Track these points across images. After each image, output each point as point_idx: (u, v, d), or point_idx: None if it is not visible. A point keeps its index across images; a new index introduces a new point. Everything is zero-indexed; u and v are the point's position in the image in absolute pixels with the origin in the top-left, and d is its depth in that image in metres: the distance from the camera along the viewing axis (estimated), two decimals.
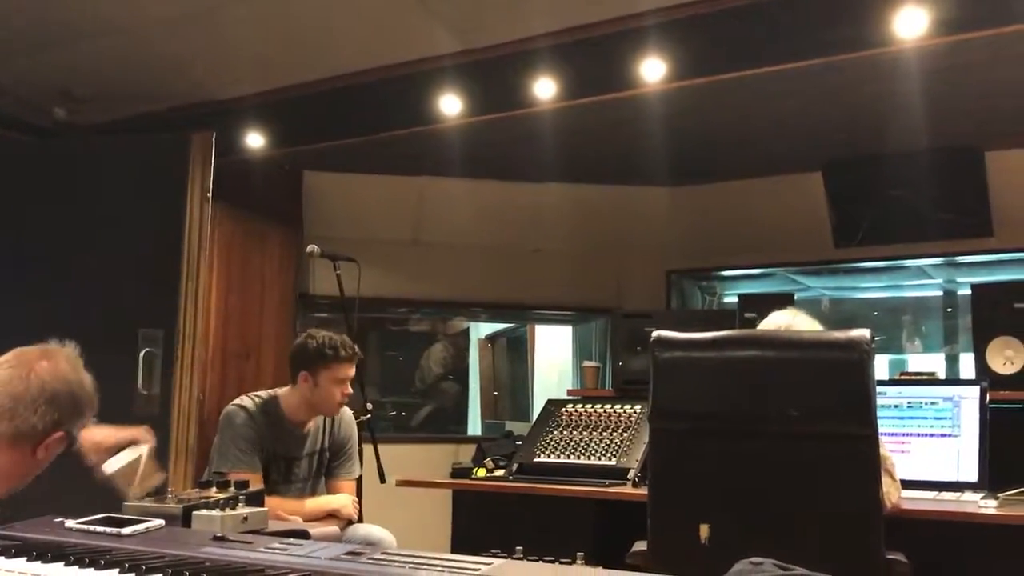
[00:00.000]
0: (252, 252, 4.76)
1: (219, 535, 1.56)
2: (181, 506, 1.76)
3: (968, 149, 4.38)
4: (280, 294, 4.89)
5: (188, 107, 4.27)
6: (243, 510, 1.79)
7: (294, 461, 3.43)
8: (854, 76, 3.58)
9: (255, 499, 1.92)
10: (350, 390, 3.43)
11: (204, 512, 1.74)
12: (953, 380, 4.21)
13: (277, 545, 1.46)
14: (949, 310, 5.47)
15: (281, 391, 3.49)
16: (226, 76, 4.07)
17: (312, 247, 3.96)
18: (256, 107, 4.24)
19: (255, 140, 4.32)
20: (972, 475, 3.16)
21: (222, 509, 1.75)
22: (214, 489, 1.94)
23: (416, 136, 4.20)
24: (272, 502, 3.22)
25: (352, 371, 3.42)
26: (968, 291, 3.85)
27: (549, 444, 3.68)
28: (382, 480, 3.78)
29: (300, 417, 3.44)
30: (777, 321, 2.81)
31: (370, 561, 1.33)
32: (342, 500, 3.47)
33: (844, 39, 3.12)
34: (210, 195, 4.08)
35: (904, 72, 3.47)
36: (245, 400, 3.43)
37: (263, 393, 3.49)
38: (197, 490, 1.96)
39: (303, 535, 1.81)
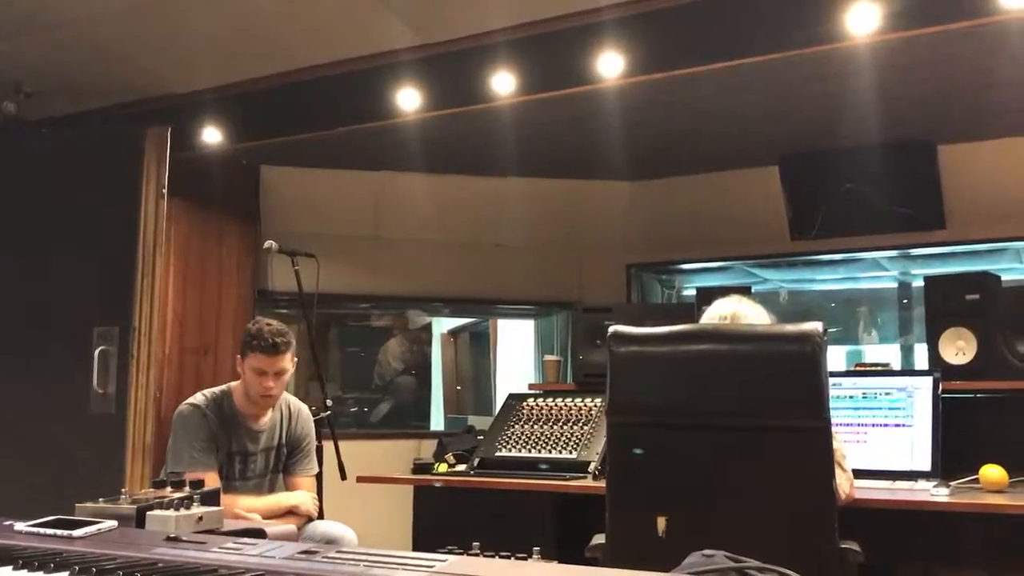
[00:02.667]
0: (209, 248, 4.71)
1: (173, 535, 1.55)
2: (134, 507, 1.74)
3: (921, 143, 4.45)
4: (238, 290, 4.84)
5: (143, 101, 4.21)
6: (198, 510, 1.77)
7: (249, 457, 3.41)
8: (809, 71, 3.62)
9: (210, 498, 1.90)
10: (271, 384, 3.31)
11: (158, 512, 1.72)
12: (906, 371, 4.28)
13: (231, 545, 1.45)
14: (904, 301, 5.55)
15: (233, 385, 3.47)
16: (182, 70, 4.02)
17: (270, 243, 3.93)
18: (213, 101, 4.19)
19: (212, 135, 4.27)
20: (925, 464, 3.22)
21: (176, 509, 1.73)
22: (169, 489, 1.92)
23: (375, 131, 4.18)
24: (230, 500, 3.21)
25: (273, 365, 3.30)
26: (922, 283, 3.92)
27: (510, 438, 3.68)
28: (343, 476, 3.77)
29: (251, 410, 3.41)
30: (722, 310, 2.81)
31: (325, 559, 1.32)
32: (301, 497, 3.45)
33: (798, 35, 3.16)
34: (166, 191, 4.03)
35: (857, 67, 3.52)
36: (198, 398, 3.40)
37: (216, 389, 3.47)
38: (152, 490, 1.94)
39: (259, 534, 1.80)
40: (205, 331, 4.68)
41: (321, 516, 3.58)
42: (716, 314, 2.81)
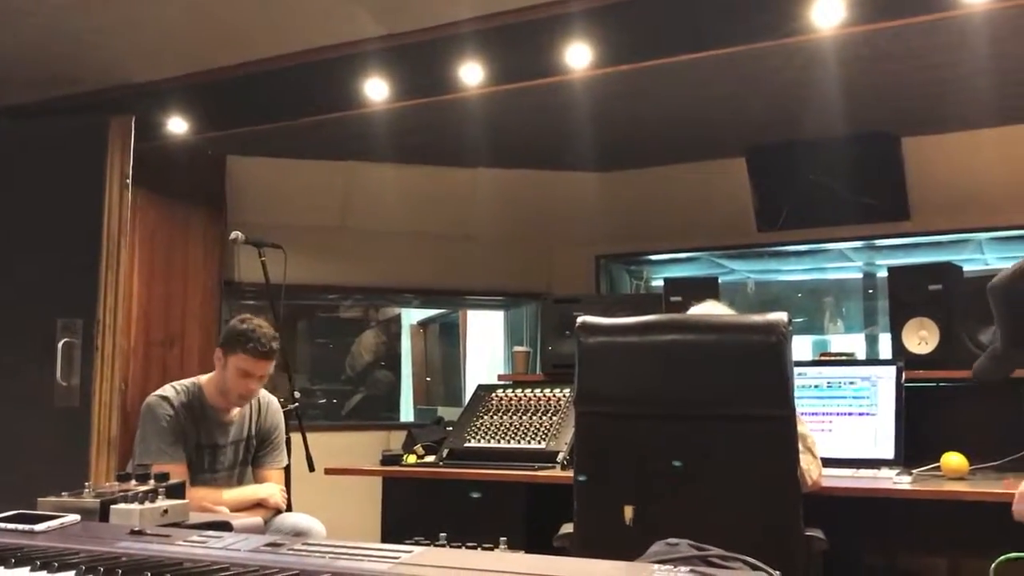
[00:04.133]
0: (175, 239, 4.67)
1: (137, 529, 1.53)
2: (98, 500, 1.72)
3: (886, 135, 4.50)
4: (204, 282, 4.80)
5: (107, 91, 4.14)
6: (163, 503, 1.76)
7: (219, 449, 3.39)
8: (775, 64, 3.64)
9: (176, 491, 1.89)
10: (254, 387, 3.35)
11: (122, 506, 1.70)
12: (870, 360, 4.33)
13: (196, 538, 1.44)
14: (869, 292, 5.62)
15: (203, 378, 3.45)
16: (147, 59, 3.97)
17: (236, 234, 3.90)
18: (178, 91, 4.14)
19: (177, 125, 4.22)
20: (888, 452, 3.26)
21: (141, 502, 1.72)
22: (133, 482, 1.90)
23: (343, 121, 4.16)
24: (198, 493, 3.20)
25: (261, 368, 3.33)
26: (886, 273, 3.97)
27: (479, 429, 3.69)
28: (311, 469, 3.76)
29: (222, 403, 3.39)
30: (694, 312, 2.85)
31: (290, 552, 1.32)
32: (269, 489, 3.44)
33: (764, 27, 3.18)
34: (130, 181, 3.99)
35: (823, 60, 3.55)
36: (167, 390, 3.38)
37: (186, 381, 3.45)
38: (116, 483, 1.92)
39: (225, 527, 1.80)
40: (171, 323, 4.64)
41: (289, 508, 3.57)
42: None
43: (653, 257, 5.67)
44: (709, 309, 2.85)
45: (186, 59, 3.96)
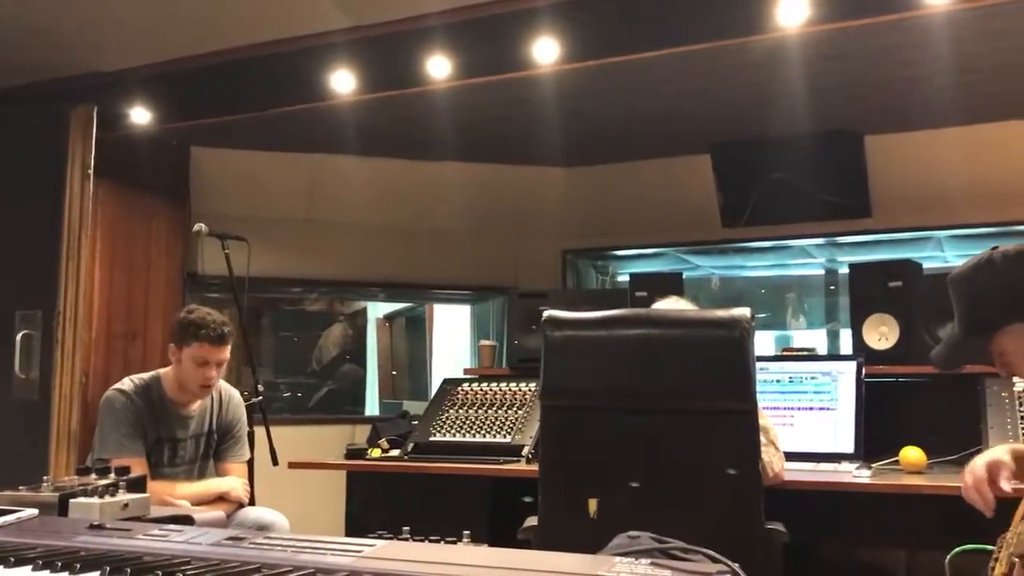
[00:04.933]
0: (137, 230, 4.61)
1: (96, 523, 1.51)
2: (56, 494, 1.70)
3: (848, 133, 4.55)
4: (167, 274, 4.75)
5: (68, 79, 4.08)
6: (123, 496, 1.74)
7: (178, 443, 3.37)
8: (740, 61, 3.67)
9: (137, 485, 1.86)
10: (213, 374, 3.30)
11: (81, 500, 1.68)
12: (831, 356, 4.39)
13: (157, 532, 1.43)
14: (831, 288, 5.68)
15: (163, 371, 3.41)
16: (109, 48, 3.92)
17: (200, 225, 3.86)
18: (142, 80, 4.09)
19: (140, 115, 4.17)
20: (849, 446, 3.30)
21: (101, 496, 1.69)
22: (93, 476, 1.88)
23: (309, 112, 4.13)
24: (159, 486, 3.17)
25: (217, 355, 3.28)
26: (848, 270, 4.01)
27: (445, 423, 3.69)
28: (274, 462, 3.74)
29: (182, 397, 3.36)
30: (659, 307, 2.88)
31: (252, 545, 1.31)
32: (231, 483, 3.42)
33: (729, 25, 3.20)
34: (91, 171, 3.94)
35: (788, 57, 3.58)
36: (125, 383, 3.35)
37: (145, 375, 3.41)
38: (76, 477, 1.89)
39: (187, 521, 1.78)
40: (133, 315, 4.58)
41: (252, 502, 3.55)
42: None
43: (619, 252, 5.69)
44: (672, 304, 2.87)
45: (150, 48, 3.91)
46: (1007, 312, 1.78)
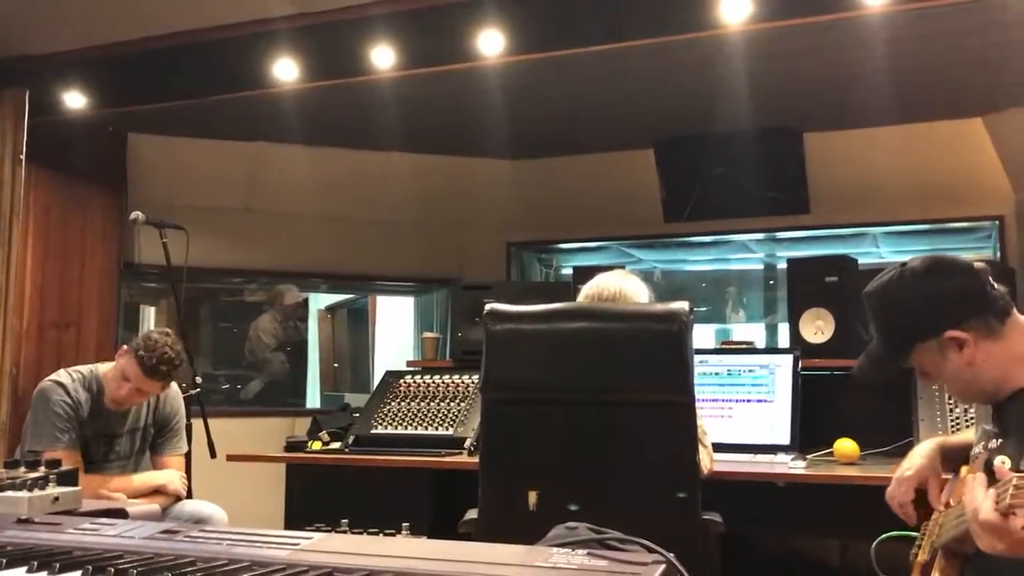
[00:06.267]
0: (72, 218, 4.51)
1: (24, 517, 1.48)
2: None
3: (789, 130, 4.63)
4: (103, 263, 4.65)
5: None
6: (53, 490, 1.70)
7: (115, 438, 3.31)
8: (683, 57, 3.71)
9: (68, 478, 1.82)
10: (124, 396, 3.22)
11: (9, 493, 1.64)
12: (769, 349, 4.46)
13: (88, 526, 1.40)
14: (770, 282, 5.79)
15: (102, 366, 3.35)
16: (42, 30, 3.81)
17: (136, 214, 3.78)
18: (77, 64, 3.99)
19: (75, 99, 4.07)
20: (785, 438, 3.36)
21: (29, 490, 1.65)
22: (22, 469, 1.83)
23: (250, 100, 4.07)
24: (94, 480, 3.11)
25: (141, 383, 3.19)
26: (786, 265, 4.08)
27: (386, 415, 3.67)
28: (212, 455, 3.69)
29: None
30: (607, 283, 2.80)
31: (187, 539, 1.29)
32: (168, 476, 3.37)
33: (673, 21, 3.23)
34: (23, 157, 3.84)
35: (730, 55, 3.63)
36: (62, 375, 3.27)
37: (83, 368, 3.34)
38: (4, 470, 1.85)
39: (120, 514, 1.75)
40: (67, 305, 4.48)
41: (190, 495, 3.50)
42: (601, 287, 2.78)
43: (563, 245, 5.72)
44: (617, 280, 2.79)
45: (86, 32, 3.82)
46: (919, 331, 1.80)
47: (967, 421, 3.06)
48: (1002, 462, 1.43)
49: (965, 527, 1.59)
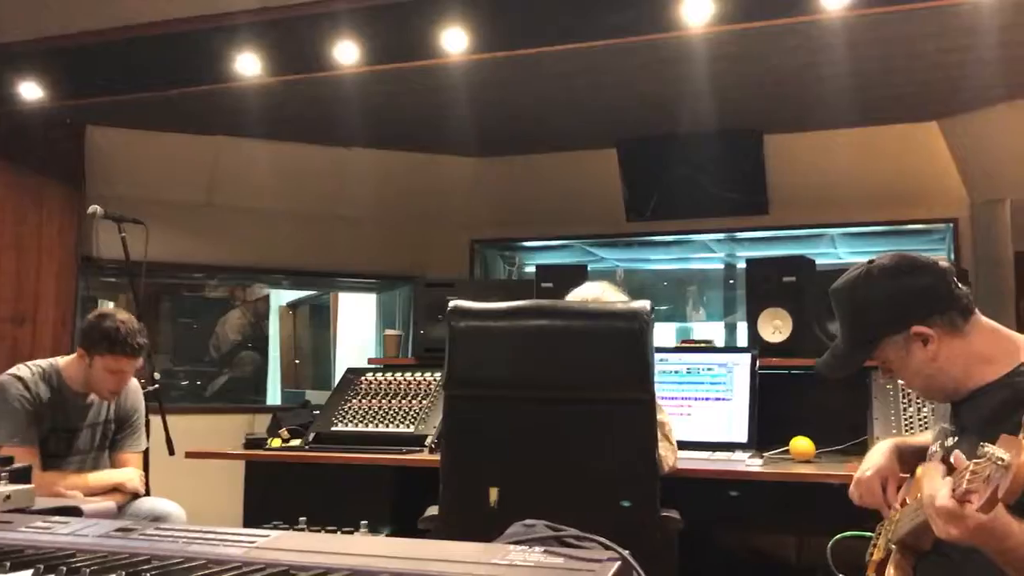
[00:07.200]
0: (28, 211, 4.44)
1: None
2: None
3: (749, 132, 4.68)
4: (60, 256, 4.59)
5: None
6: (5, 488, 1.67)
7: (75, 433, 3.26)
8: (647, 58, 3.73)
9: (21, 475, 1.80)
10: (126, 382, 3.26)
11: None
12: (727, 348, 4.50)
13: (41, 524, 1.38)
14: (730, 282, 5.84)
15: (62, 360, 3.30)
16: None
17: (95, 207, 3.73)
18: (33, 55, 3.93)
19: (31, 90, 4.00)
20: (742, 436, 3.39)
21: None
22: None
23: (211, 94, 4.04)
24: (50, 477, 3.07)
25: (132, 365, 3.22)
26: (745, 264, 4.13)
27: (347, 413, 3.66)
28: (171, 452, 3.66)
29: (81, 388, 3.26)
30: (587, 293, 2.88)
31: (142, 537, 1.28)
32: (127, 474, 3.33)
33: (636, 22, 3.26)
34: None
35: (693, 56, 3.66)
36: (21, 370, 3.22)
37: (42, 362, 3.29)
38: None
39: (74, 512, 1.73)
40: (23, 299, 4.41)
41: (148, 493, 3.46)
42: (583, 296, 2.86)
43: (526, 243, 5.74)
44: (597, 291, 2.86)
45: (42, 21, 3.75)
46: (885, 325, 1.82)
47: (920, 420, 3.11)
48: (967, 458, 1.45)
49: (922, 519, 1.62)
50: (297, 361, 6.61)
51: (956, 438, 1.79)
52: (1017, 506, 1.55)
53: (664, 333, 5.89)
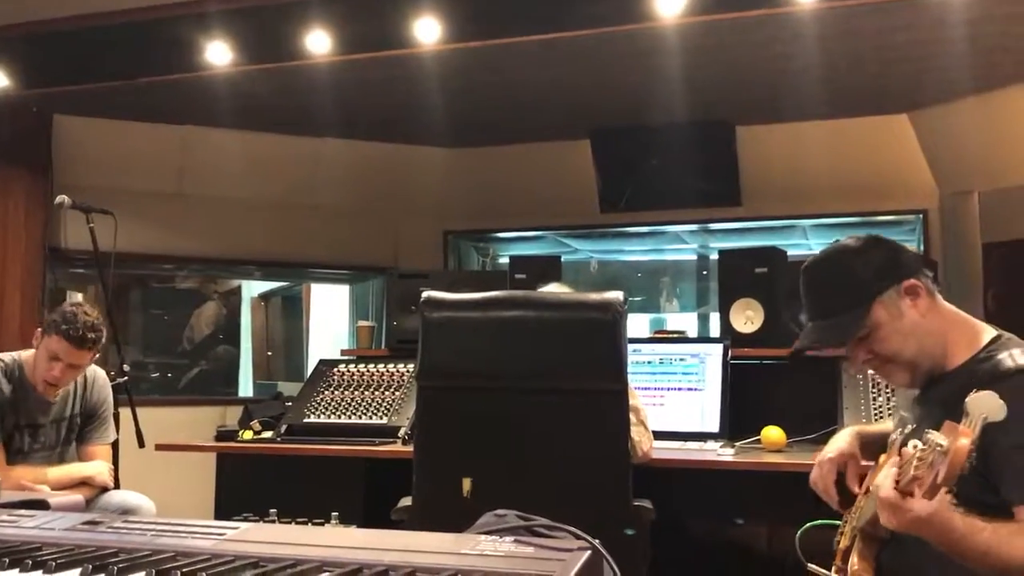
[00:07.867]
0: None
1: None
2: None
3: (722, 123, 4.70)
4: (26, 247, 4.53)
5: None
6: None
7: (38, 429, 3.22)
8: (621, 49, 3.74)
9: None
10: (57, 373, 3.12)
11: None
12: (700, 338, 4.53)
13: (6, 517, 1.36)
14: (703, 273, 5.87)
15: (25, 354, 3.25)
16: None
17: (62, 197, 3.68)
18: None
19: None
20: (714, 426, 3.42)
21: None
22: None
23: (181, 83, 3.99)
24: (17, 471, 3.03)
25: (71, 358, 3.11)
26: (718, 256, 4.15)
27: (320, 404, 3.64)
28: (141, 444, 3.62)
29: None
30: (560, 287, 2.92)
31: (110, 530, 1.27)
32: (96, 467, 3.29)
33: (609, 12, 3.26)
34: None
35: (666, 47, 3.67)
36: None
37: (5, 356, 3.24)
38: None
39: (41, 505, 1.71)
40: None
41: (117, 486, 3.43)
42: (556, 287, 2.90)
43: (500, 235, 5.73)
44: (553, 290, 2.91)
45: (8, 8, 3.69)
46: (878, 281, 1.82)
47: (889, 409, 3.14)
48: (914, 447, 1.47)
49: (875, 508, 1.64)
50: (269, 353, 6.57)
51: (914, 426, 1.81)
52: (986, 485, 1.57)
53: (638, 324, 5.91)
